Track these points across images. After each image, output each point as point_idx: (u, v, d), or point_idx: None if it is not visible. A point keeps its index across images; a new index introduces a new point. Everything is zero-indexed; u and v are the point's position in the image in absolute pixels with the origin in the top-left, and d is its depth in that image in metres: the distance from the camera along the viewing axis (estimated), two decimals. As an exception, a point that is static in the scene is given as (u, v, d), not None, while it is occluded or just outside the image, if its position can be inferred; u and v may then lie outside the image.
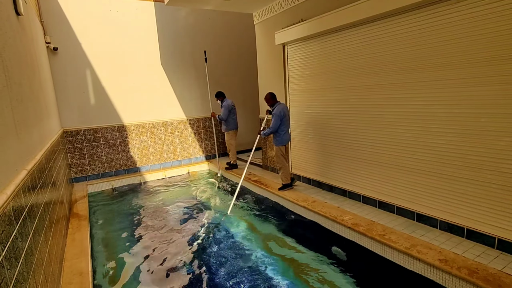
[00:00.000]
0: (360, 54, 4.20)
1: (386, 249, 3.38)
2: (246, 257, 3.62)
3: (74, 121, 6.49)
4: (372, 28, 3.96)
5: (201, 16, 7.79)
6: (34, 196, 2.32)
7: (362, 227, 3.72)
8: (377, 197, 4.31)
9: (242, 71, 8.66)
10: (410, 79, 3.64)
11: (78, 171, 6.64)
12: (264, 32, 6.23)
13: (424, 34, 3.41)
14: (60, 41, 6.16)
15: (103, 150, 6.86)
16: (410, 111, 3.71)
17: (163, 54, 7.39)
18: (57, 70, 6.20)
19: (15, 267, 1.56)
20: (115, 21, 6.71)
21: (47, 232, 2.65)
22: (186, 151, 7.99)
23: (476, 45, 3.00)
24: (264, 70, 6.45)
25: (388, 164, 4.10)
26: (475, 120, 3.11)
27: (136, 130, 7.20)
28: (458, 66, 3.16)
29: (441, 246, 3.20)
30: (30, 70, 3.36)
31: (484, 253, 3.03)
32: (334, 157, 4.96)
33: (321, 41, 4.82)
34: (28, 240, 1.93)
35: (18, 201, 1.83)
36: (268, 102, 5.08)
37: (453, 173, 3.37)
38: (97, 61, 6.60)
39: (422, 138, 3.62)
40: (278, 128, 4.96)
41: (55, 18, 6.09)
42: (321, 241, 3.91)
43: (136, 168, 7.30)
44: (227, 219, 4.77)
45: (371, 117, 4.22)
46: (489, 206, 3.11)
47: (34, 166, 2.51)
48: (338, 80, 4.64)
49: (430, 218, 3.66)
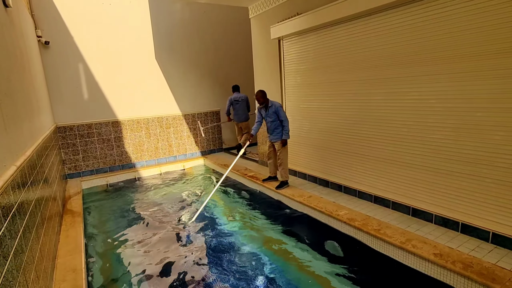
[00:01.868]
0: (357, 48, 4.17)
1: (382, 244, 3.38)
2: (241, 253, 3.61)
3: (67, 117, 6.40)
4: (369, 22, 3.93)
5: (196, 9, 7.69)
6: (24, 193, 2.27)
7: (357, 222, 3.72)
8: (372, 192, 4.31)
9: (238, 65, 8.59)
10: (406, 73, 3.62)
11: (72, 167, 6.57)
12: (260, 26, 6.16)
13: (420, 28, 3.38)
14: (52, 34, 6.04)
15: (97, 145, 6.78)
16: (406, 106, 3.70)
17: (157, 48, 7.30)
18: (49, 65, 6.09)
19: (3, 265, 1.52)
20: (108, 14, 6.59)
21: (39, 229, 2.61)
22: (182, 146, 7.94)
23: (472, 39, 2.97)
24: (259, 64, 6.39)
25: (384, 159, 4.09)
26: (471, 114, 3.10)
27: (130, 125, 7.13)
28: (454, 60, 3.14)
29: (436, 240, 3.21)
30: (20, 64, 3.28)
31: (479, 247, 3.04)
32: (330, 152, 4.95)
33: (317, 35, 4.77)
34: (18, 238, 1.88)
35: (7, 198, 1.79)
36: (259, 100, 4.86)
37: (449, 168, 3.37)
38: (90, 55, 6.49)
39: (418, 132, 3.61)
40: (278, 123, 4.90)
41: (47, 11, 5.96)
42: (316, 236, 3.90)
43: (131, 164, 7.24)
44: (223, 215, 4.75)
45: (367, 111, 4.20)
46: (484, 200, 3.12)
47: (24, 162, 2.46)
48: (334, 74, 4.60)
49: (425, 213, 3.67)
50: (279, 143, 4.95)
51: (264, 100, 4.88)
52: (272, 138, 5.05)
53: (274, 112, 4.86)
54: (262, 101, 4.87)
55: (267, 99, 4.92)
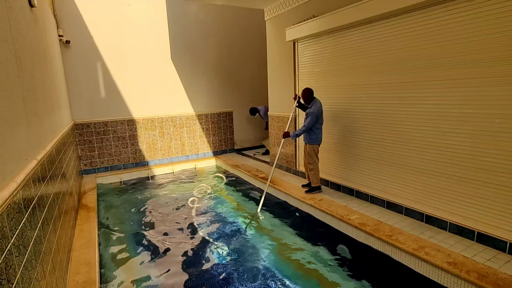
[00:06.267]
0: (372, 51, 4.13)
1: (393, 250, 3.33)
2: (251, 255, 3.62)
3: (85, 114, 6.58)
4: (386, 25, 3.89)
5: (212, 10, 7.78)
6: (43, 186, 2.35)
7: (369, 227, 3.67)
8: (385, 197, 4.26)
9: (252, 66, 8.63)
10: (422, 78, 3.56)
11: (87, 163, 6.73)
12: (275, 28, 6.18)
13: (439, 32, 3.33)
14: (73, 34, 6.23)
15: (112, 143, 6.93)
16: (421, 111, 3.64)
17: (173, 48, 7.41)
18: (69, 63, 6.28)
19: (24, 255, 1.58)
20: (127, 15, 6.75)
21: (56, 222, 2.69)
22: (194, 146, 8.02)
23: (492, 44, 2.91)
24: (273, 66, 6.41)
25: (397, 164, 4.03)
26: (489, 120, 3.03)
27: (145, 124, 7.25)
28: (472, 65, 3.08)
29: (450, 248, 3.14)
30: (42, 62, 3.40)
31: (495, 257, 2.96)
32: (343, 156, 4.91)
33: (332, 38, 4.75)
34: (37, 229, 1.95)
35: (28, 190, 1.86)
36: (306, 100, 4.66)
37: (464, 175, 3.30)
38: (108, 55, 6.66)
39: (433, 138, 3.55)
40: (313, 126, 4.63)
41: (68, 11, 6.16)
42: (327, 240, 3.88)
43: (145, 162, 7.36)
44: (234, 215, 4.77)
45: (381, 115, 4.16)
46: (501, 209, 3.03)
47: (45, 156, 2.54)
48: (349, 77, 4.58)
49: (439, 220, 3.59)
50: (308, 146, 4.77)
51: (310, 99, 4.67)
52: (304, 139, 4.88)
53: (307, 113, 4.66)
54: (308, 100, 4.67)
55: (312, 98, 4.69)
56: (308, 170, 4.97)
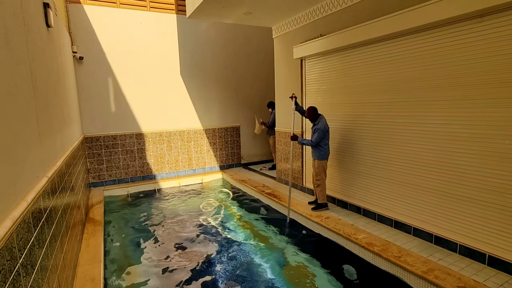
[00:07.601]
0: (379, 70, 4.16)
1: (402, 272, 3.26)
2: (256, 272, 3.57)
3: (95, 127, 6.70)
4: (392, 45, 3.93)
5: (221, 28, 7.96)
6: (52, 202, 2.39)
7: (376, 247, 3.61)
8: (393, 216, 4.19)
9: (260, 83, 8.73)
10: (430, 97, 3.56)
11: (96, 176, 6.81)
12: (283, 45, 6.28)
13: (446, 52, 3.35)
14: (86, 51, 6.42)
15: (121, 156, 7.02)
16: (429, 130, 3.62)
17: (183, 65, 7.57)
18: (81, 79, 6.45)
19: (31, 274, 1.60)
20: (138, 32, 6.95)
21: (63, 238, 2.71)
22: (201, 160, 8.06)
23: (501, 65, 2.91)
24: (281, 83, 6.48)
25: (405, 183, 3.99)
26: (499, 141, 3.00)
27: (153, 138, 7.34)
28: (481, 86, 3.08)
29: (461, 272, 3.06)
30: (56, 79, 3.51)
31: (507, 282, 2.87)
32: (350, 173, 4.88)
33: (339, 57, 4.81)
34: (45, 247, 1.97)
35: (37, 208, 1.89)
36: (312, 118, 4.73)
37: (473, 196, 3.24)
38: (119, 70, 6.83)
39: (441, 157, 3.51)
40: (320, 141, 4.67)
41: (83, 29, 6.37)
42: (333, 259, 3.81)
43: (152, 175, 7.41)
44: (239, 231, 4.74)
45: (388, 134, 4.14)
46: (511, 232, 2.96)
47: (55, 172, 2.59)
48: (356, 95, 4.60)
49: (449, 242, 3.51)
50: (317, 161, 4.76)
51: (315, 117, 4.73)
52: (312, 155, 4.88)
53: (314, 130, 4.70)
54: (314, 118, 4.74)
55: (317, 115, 4.75)
56: (315, 186, 4.95)
